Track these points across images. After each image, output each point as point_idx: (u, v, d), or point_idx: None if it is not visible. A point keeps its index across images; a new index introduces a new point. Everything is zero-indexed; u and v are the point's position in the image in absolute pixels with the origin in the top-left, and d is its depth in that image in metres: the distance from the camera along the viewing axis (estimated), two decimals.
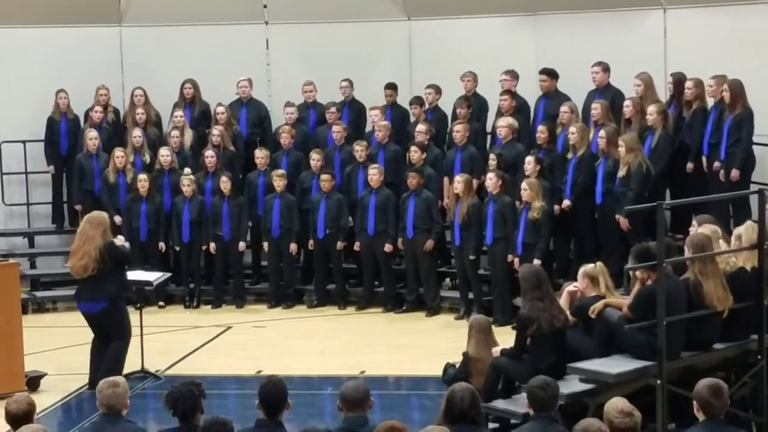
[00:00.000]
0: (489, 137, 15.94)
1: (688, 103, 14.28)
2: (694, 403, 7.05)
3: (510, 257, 14.30)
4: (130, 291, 12.71)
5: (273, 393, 7.13)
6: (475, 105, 15.93)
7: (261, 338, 14.54)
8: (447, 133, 16.10)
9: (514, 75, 15.71)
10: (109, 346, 12.01)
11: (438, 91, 16.25)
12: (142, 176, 15.91)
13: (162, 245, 16.04)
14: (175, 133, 16.45)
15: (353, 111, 16.82)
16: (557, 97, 15.27)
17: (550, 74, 15.41)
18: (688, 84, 14.19)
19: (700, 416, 7.05)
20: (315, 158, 15.97)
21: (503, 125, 15.07)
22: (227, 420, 6.79)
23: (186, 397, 7.13)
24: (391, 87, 16.51)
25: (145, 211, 15.94)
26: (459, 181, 14.68)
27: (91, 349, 12.19)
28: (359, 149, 15.73)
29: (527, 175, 14.20)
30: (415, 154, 15.40)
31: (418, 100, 16.13)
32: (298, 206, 15.94)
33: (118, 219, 15.78)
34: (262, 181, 16.17)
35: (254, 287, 16.57)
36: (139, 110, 16.68)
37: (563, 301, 10.10)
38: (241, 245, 16.05)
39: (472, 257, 14.74)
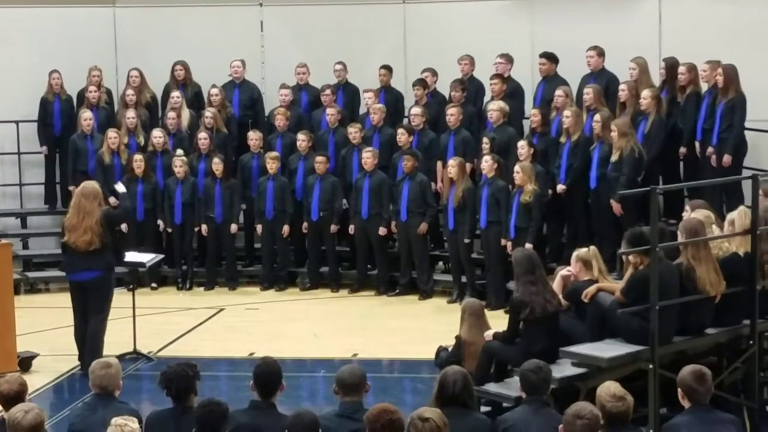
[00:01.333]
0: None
1: (681, 88, 14.29)
2: (679, 390, 7.07)
3: (503, 241, 14.30)
4: (122, 259, 12.69)
5: (268, 374, 7.16)
6: (471, 89, 15.91)
7: (254, 320, 14.55)
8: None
9: (508, 59, 15.70)
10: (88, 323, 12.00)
11: (435, 74, 16.23)
12: (138, 157, 15.91)
13: (160, 223, 16.05)
14: (172, 114, 16.43)
15: (347, 94, 16.80)
16: (556, 81, 15.25)
17: (550, 58, 15.39)
18: (682, 69, 14.20)
19: (686, 403, 7.08)
20: (301, 139, 15.96)
21: (494, 109, 15.07)
22: (222, 401, 6.81)
23: (180, 377, 7.15)
24: (386, 68, 16.49)
25: (141, 191, 15.93)
26: (452, 164, 14.68)
27: (75, 333, 12.15)
28: (354, 132, 15.72)
29: (521, 159, 14.20)
30: (402, 136, 15.38)
31: (421, 82, 16.06)
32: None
33: (113, 200, 15.74)
34: (256, 163, 16.16)
35: (247, 269, 16.58)
36: (129, 91, 16.64)
37: (556, 285, 10.10)
38: (233, 227, 16.05)
39: (467, 241, 14.75)
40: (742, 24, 14.82)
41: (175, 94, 16.56)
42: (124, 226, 15.05)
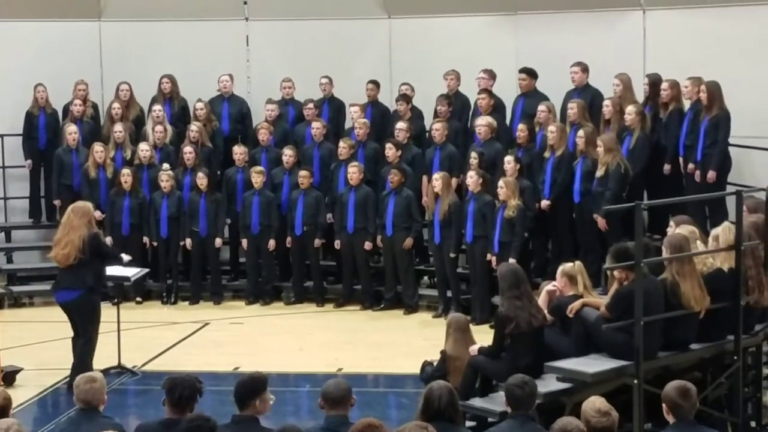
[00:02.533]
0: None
1: (664, 104, 14.33)
2: (664, 405, 7.08)
3: (488, 256, 14.32)
4: (106, 287, 12.66)
5: (249, 386, 7.13)
6: (457, 104, 15.95)
7: (238, 335, 14.54)
8: (426, 131, 16.10)
9: (491, 74, 15.74)
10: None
11: (412, 89, 16.26)
12: (126, 171, 15.88)
13: (146, 240, 16.03)
14: (159, 128, 16.41)
15: (333, 108, 16.82)
16: (536, 96, 15.30)
17: (530, 73, 15.44)
18: (664, 85, 14.23)
19: (670, 418, 7.08)
20: (287, 154, 15.97)
21: (482, 124, 15.10)
22: (210, 417, 6.77)
23: (186, 385, 7.09)
24: (373, 83, 16.51)
25: (128, 206, 15.91)
26: (437, 178, 14.70)
27: (72, 348, 12.13)
28: (342, 146, 15.70)
29: (507, 175, 14.22)
30: (390, 151, 15.39)
31: (404, 98, 16.08)
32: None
33: (98, 214, 15.75)
34: (241, 177, 16.15)
35: (232, 284, 16.56)
36: (116, 104, 16.62)
37: (542, 300, 10.12)
38: (218, 241, 16.03)
39: (452, 255, 14.76)
40: (727, 40, 14.86)
41: (157, 108, 16.54)
42: (109, 239, 15.22)
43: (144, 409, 7.40)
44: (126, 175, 15.85)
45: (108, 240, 14.99)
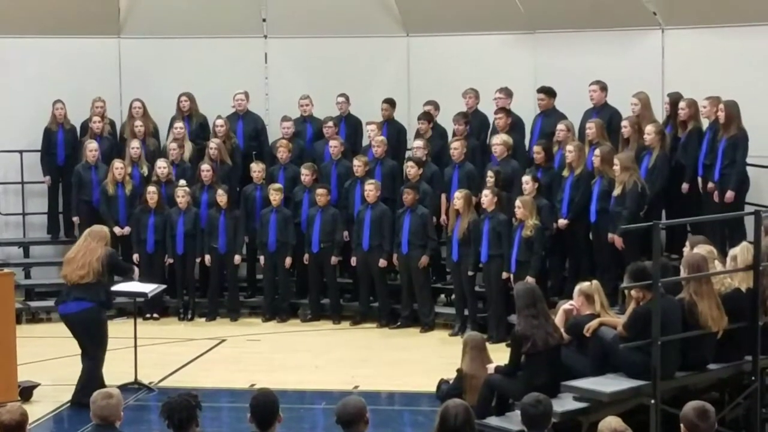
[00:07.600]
0: None
1: (683, 124, 14.31)
2: (681, 426, 7.05)
3: (505, 275, 14.30)
4: (111, 305, 12.74)
5: (264, 405, 7.10)
6: (475, 122, 15.94)
7: (255, 351, 14.53)
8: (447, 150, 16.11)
9: (507, 93, 15.74)
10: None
11: (437, 107, 16.27)
12: (152, 188, 15.93)
13: (168, 259, 16.09)
14: (173, 145, 16.47)
15: (350, 126, 16.83)
16: (554, 116, 15.30)
17: (548, 92, 15.43)
18: (682, 104, 14.21)
19: None
20: (305, 173, 15.98)
21: (498, 143, 15.09)
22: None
23: (183, 407, 7.09)
24: (388, 102, 16.52)
25: (153, 223, 15.95)
26: (458, 197, 14.69)
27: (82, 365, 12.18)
28: (358, 164, 15.72)
29: (525, 194, 14.21)
30: (411, 169, 15.39)
31: (426, 116, 16.09)
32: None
33: (117, 230, 15.83)
34: (259, 194, 16.18)
35: (249, 300, 16.57)
36: (138, 122, 16.68)
37: (559, 319, 10.10)
38: (237, 258, 16.06)
39: (470, 273, 14.74)
40: (745, 59, 14.84)
41: (178, 125, 16.60)
42: (136, 256, 15.79)
43: (159, 425, 7.39)
44: (152, 193, 15.90)
45: (135, 257, 15.72)
